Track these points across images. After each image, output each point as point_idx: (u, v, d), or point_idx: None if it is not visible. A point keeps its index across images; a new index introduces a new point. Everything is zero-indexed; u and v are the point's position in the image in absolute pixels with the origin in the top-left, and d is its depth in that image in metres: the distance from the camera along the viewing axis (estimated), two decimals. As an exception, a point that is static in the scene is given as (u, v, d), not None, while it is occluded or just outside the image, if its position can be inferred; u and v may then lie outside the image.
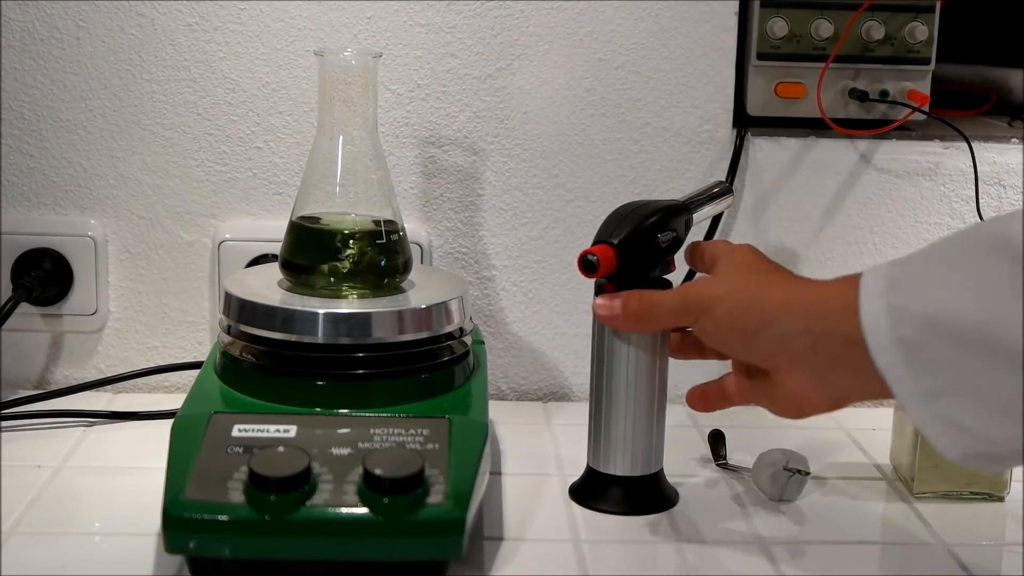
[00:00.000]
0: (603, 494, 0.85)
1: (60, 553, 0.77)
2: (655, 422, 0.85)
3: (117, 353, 1.07)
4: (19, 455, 0.91)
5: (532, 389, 1.10)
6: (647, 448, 0.85)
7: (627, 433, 0.84)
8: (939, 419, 0.64)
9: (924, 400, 0.64)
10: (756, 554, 0.80)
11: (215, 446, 0.76)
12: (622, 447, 0.84)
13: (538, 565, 0.77)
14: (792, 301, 0.71)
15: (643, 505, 0.85)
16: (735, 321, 0.73)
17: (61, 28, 1.02)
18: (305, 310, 0.83)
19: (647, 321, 0.80)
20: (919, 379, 0.64)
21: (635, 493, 0.85)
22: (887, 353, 0.65)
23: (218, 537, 0.71)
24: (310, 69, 1.03)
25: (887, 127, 1.06)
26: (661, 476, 0.86)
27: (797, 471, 0.87)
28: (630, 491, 0.85)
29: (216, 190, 1.05)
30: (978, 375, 0.62)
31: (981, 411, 0.63)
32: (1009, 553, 0.82)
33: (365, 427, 0.78)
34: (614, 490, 0.85)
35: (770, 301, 0.72)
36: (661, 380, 0.85)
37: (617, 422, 0.84)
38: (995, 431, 0.63)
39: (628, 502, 0.85)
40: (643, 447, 0.84)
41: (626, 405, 0.84)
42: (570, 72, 1.05)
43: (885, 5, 1.04)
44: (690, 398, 0.83)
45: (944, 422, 0.64)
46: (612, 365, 0.84)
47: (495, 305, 1.08)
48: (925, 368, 0.64)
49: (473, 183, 1.06)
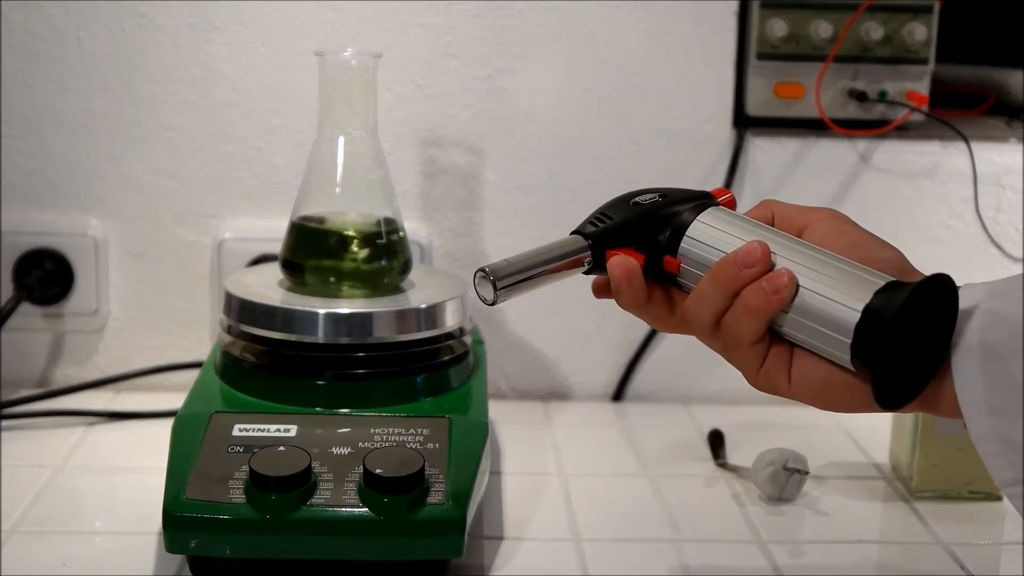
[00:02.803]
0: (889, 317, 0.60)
1: (60, 553, 0.77)
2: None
3: (118, 353, 1.07)
4: (20, 454, 0.91)
5: (532, 389, 1.10)
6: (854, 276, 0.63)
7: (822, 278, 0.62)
8: (1000, 438, 0.59)
9: (988, 414, 0.59)
10: (756, 554, 0.80)
11: (216, 446, 0.76)
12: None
13: (538, 565, 0.77)
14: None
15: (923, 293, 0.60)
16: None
17: (61, 28, 1.02)
18: (305, 310, 0.83)
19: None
20: (990, 390, 0.59)
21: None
22: (968, 354, 0.59)
23: (219, 536, 0.71)
24: (310, 69, 1.02)
25: (886, 127, 1.06)
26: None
27: (796, 471, 0.87)
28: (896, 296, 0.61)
29: (216, 190, 1.05)
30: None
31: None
32: (1008, 553, 0.83)
33: (365, 427, 0.78)
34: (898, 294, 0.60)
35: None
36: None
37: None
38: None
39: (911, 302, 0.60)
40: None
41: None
42: (570, 72, 1.05)
43: (884, 5, 1.05)
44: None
45: (1004, 442, 0.59)
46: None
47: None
48: (1001, 380, 0.59)
49: (473, 183, 1.06)
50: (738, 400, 1.10)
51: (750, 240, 0.64)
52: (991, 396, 0.59)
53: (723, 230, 0.66)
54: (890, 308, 0.60)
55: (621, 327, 1.09)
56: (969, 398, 0.59)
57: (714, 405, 1.09)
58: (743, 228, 0.65)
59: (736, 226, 0.66)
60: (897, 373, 0.61)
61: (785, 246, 0.64)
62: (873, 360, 0.61)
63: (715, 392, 1.10)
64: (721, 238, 0.66)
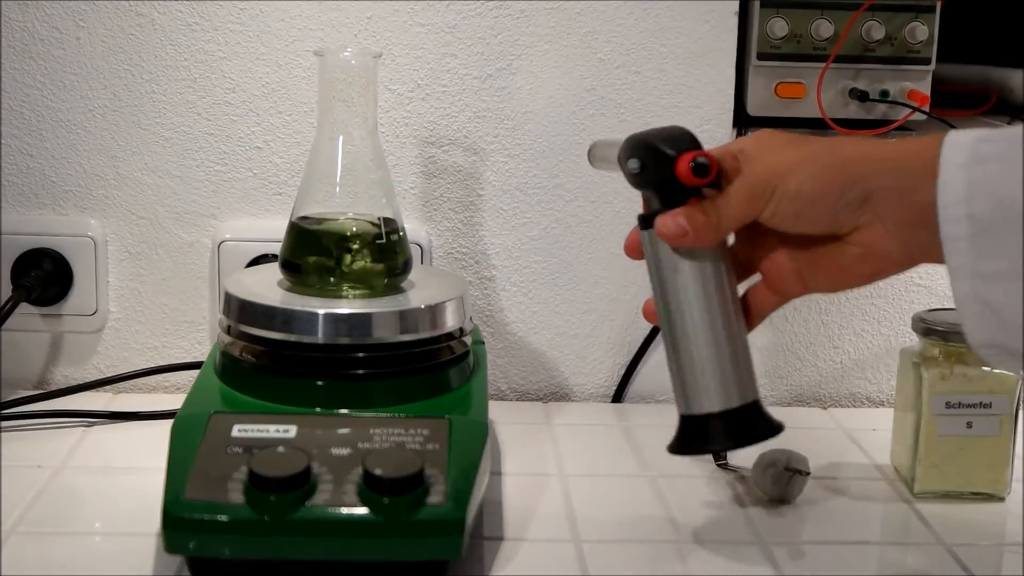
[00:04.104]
0: (706, 436, 0.73)
1: (60, 553, 0.77)
2: (740, 343, 0.73)
3: (117, 353, 1.07)
4: (19, 455, 0.91)
5: (532, 389, 1.09)
6: (738, 375, 0.73)
7: (713, 362, 0.72)
8: (979, 301, 0.63)
9: (973, 279, 0.63)
10: (756, 554, 0.80)
11: (215, 446, 0.76)
12: (712, 379, 0.72)
13: (538, 565, 0.77)
14: (874, 154, 0.68)
15: (749, 435, 0.73)
16: (816, 187, 0.68)
17: (61, 28, 1.02)
18: (305, 310, 0.83)
19: (718, 228, 0.71)
20: (977, 258, 0.63)
21: (738, 425, 0.73)
22: (955, 225, 0.63)
23: (218, 537, 0.71)
24: (310, 69, 1.03)
25: (887, 127, 1.06)
26: (760, 404, 0.74)
27: (797, 471, 0.87)
28: (732, 425, 0.72)
29: (216, 190, 1.05)
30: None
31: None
32: (1009, 553, 0.82)
33: (365, 427, 0.78)
34: (716, 426, 0.72)
35: (849, 160, 0.68)
36: (734, 298, 0.74)
37: (699, 354, 0.73)
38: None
39: (735, 435, 0.73)
40: (733, 374, 0.73)
41: (705, 332, 0.73)
42: (570, 72, 1.05)
43: (885, 5, 1.04)
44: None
45: (983, 304, 0.63)
46: (677, 296, 0.73)
47: (495, 305, 1.08)
48: (988, 248, 0.62)
49: (473, 183, 1.06)
50: (739, 400, 1.10)
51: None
52: (978, 263, 0.63)
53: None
54: (711, 434, 0.73)
55: (621, 328, 1.09)
56: (957, 264, 0.64)
57: (715, 405, 1.09)
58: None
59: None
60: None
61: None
62: (684, 444, 0.74)
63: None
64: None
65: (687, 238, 0.71)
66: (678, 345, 0.73)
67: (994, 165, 0.63)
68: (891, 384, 1.09)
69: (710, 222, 0.70)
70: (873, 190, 0.67)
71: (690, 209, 0.71)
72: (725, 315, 0.73)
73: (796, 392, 1.11)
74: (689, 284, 0.73)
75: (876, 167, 0.67)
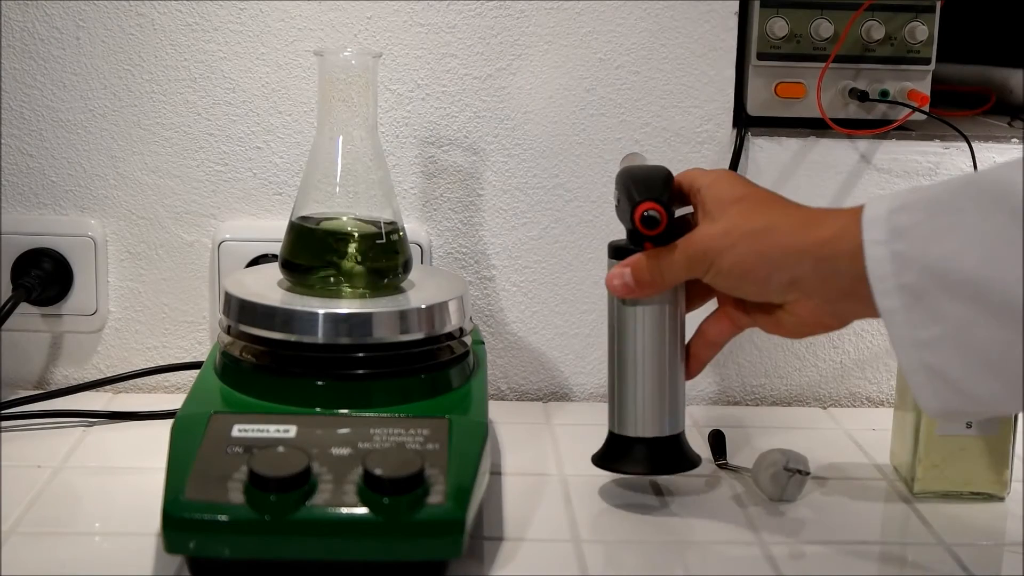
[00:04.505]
0: (626, 456, 0.84)
1: (60, 553, 0.77)
2: (677, 381, 0.84)
3: (117, 353, 1.07)
4: (19, 455, 0.91)
5: (532, 389, 1.09)
6: (670, 408, 0.83)
7: (648, 393, 0.83)
8: (925, 368, 0.66)
9: (915, 347, 0.66)
10: (756, 554, 0.80)
11: (215, 446, 0.76)
12: (644, 408, 0.83)
13: (538, 565, 0.77)
14: (798, 245, 0.73)
15: (666, 465, 0.85)
16: (746, 269, 0.75)
17: (61, 28, 1.02)
18: (305, 310, 0.83)
19: (660, 286, 0.80)
20: (915, 327, 0.66)
21: (658, 454, 0.84)
22: (889, 298, 0.66)
23: (218, 537, 0.71)
24: (310, 69, 1.03)
25: (887, 127, 1.06)
26: (683, 438, 0.85)
27: (797, 471, 0.87)
28: (653, 452, 0.84)
29: (216, 190, 1.05)
30: (971, 328, 0.64)
31: (968, 364, 0.64)
32: (1009, 553, 0.82)
33: (365, 427, 0.78)
34: (637, 451, 0.84)
35: (776, 248, 0.74)
36: (681, 338, 0.83)
37: (637, 383, 0.83)
38: (978, 386, 0.65)
39: (652, 462, 0.84)
40: (666, 407, 0.83)
41: (646, 365, 0.83)
42: (570, 72, 1.05)
43: (885, 5, 1.04)
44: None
45: (929, 372, 0.66)
46: (629, 326, 0.83)
47: (495, 305, 1.08)
48: (922, 316, 0.65)
49: (473, 183, 1.06)
50: (739, 400, 1.10)
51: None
52: (917, 332, 0.66)
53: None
54: (634, 457, 0.84)
55: (621, 327, 1.09)
56: (897, 335, 0.67)
57: (714, 405, 1.09)
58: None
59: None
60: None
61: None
62: (606, 460, 0.85)
63: (715, 392, 1.09)
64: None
65: (631, 293, 0.81)
66: (621, 371, 0.84)
67: (912, 236, 0.66)
68: (891, 384, 1.09)
69: (653, 280, 0.80)
70: (798, 276, 0.73)
71: (637, 263, 0.80)
72: (670, 353, 0.83)
73: (796, 392, 1.11)
74: (639, 320, 0.82)
75: (799, 258, 0.73)
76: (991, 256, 0.62)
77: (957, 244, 0.64)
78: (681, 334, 0.84)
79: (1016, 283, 0.61)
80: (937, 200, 0.66)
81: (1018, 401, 0.65)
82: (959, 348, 0.65)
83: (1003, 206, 0.62)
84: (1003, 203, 0.62)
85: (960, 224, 0.64)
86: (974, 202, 0.64)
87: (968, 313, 0.63)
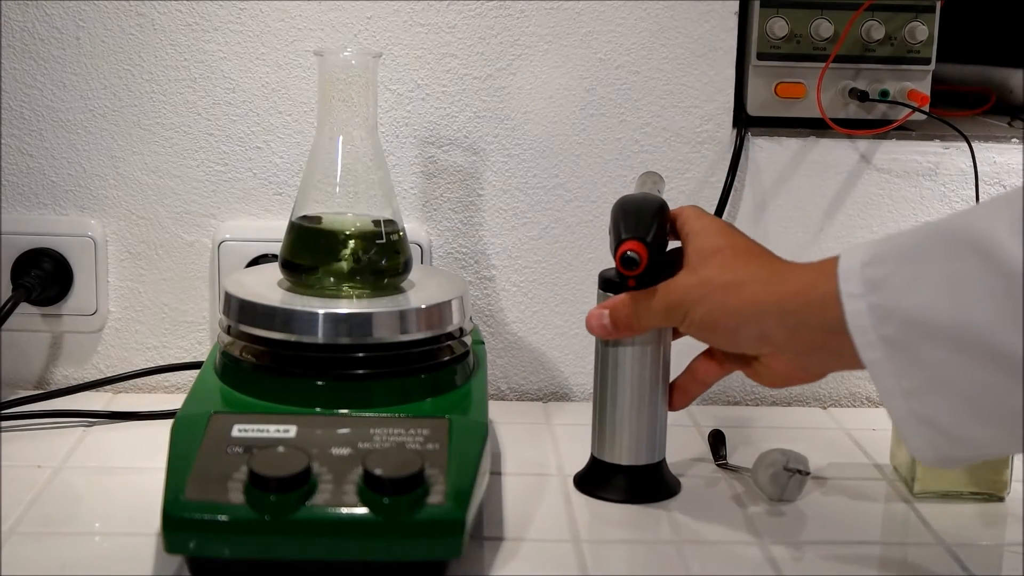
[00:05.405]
0: (607, 483, 0.86)
1: (60, 553, 0.77)
2: (658, 412, 0.86)
3: (117, 353, 1.07)
4: (19, 455, 0.91)
5: (532, 389, 1.09)
6: (650, 438, 0.86)
7: (631, 423, 0.85)
8: (914, 417, 0.66)
9: (903, 397, 0.66)
10: (756, 554, 0.80)
11: (215, 446, 0.76)
12: (626, 437, 0.85)
13: (538, 565, 0.77)
14: (765, 300, 0.74)
15: (645, 494, 0.86)
16: (714, 324, 0.77)
17: (61, 28, 1.02)
18: (305, 310, 0.83)
19: (637, 329, 0.83)
20: (900, 377, 0.66)
21: (638, 482, 0.86)
22: (872, 350, 0.67)
23: (218, 537, 0.71)
24: (310, 69, 1.03)
25: (887, 127, 1.06)
26: (664, 466, 0.88)
27: (797, 471, 0.87)
28: (633, 480, 0.86)
29: (216, 190, 1.05)
30: (955, 374, 0.64)
31: (957, 410, 0.65)
32: (1009, 553, 0.82)
33: (365, 427, 0.78)
34: (618, 479, 0.86)
35: (743, 303, 0.75)
36: (664, 371, 0.85)
37: (621, 412, 0.85)
38: (970, 431, 0.65)
39: (631, 491, 0.86)
40: (646, 437, 0.86)
41: (630, 396, 0.85)
42: (570, 72, 1.05)
43: (885, 5, 1.04)
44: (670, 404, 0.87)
45: (919, 420, 0.66)
46: (615, 357, 0.85)
47: (495, 305, 1.08)
48: (907, 366, 0.66)
49: (473, 183, 1.06)
50: (739, 400, 1.10)
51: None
52: (902, 381, 0.66)
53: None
54: (613, 483, 0.86)
55: (621, 327, 1.09)
56: (884, 387, 0.67)
57: (714, 405, 1.09)
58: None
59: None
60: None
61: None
62: (585, 484, 0.88)
63: (715, 392, 1.09)
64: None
65: (610, 335, 0.83)
66: (603, 399, 0.86)
67: (886, 288, 0.66)
68: (891, 384, 1.09)
69: (630, 325, 0.82)
70: (765, 330, 0.74)
71: (616, 306, 0.82)
72: (651, 384, 0.85)
73: (796, 392, 1.11)
74: (623, 352, 0.84)
75: (765, 312, 0.74)
76: (963, 302, 0.62)
77: (929, 293, 0.64)
78: (665, 365, 0.86)
79: (990, 326, 0.61)
80: (907, 249, 0.67)
81: (1016, 442, 0.64)
82: (946, 395, 0.65)
83: (970, 250, 0.63)
84: (969, 248, 0.63)
85: (930, 272, 0.64)
86: (943, 249, 0.64)
87: (950, 359, 0.64)
